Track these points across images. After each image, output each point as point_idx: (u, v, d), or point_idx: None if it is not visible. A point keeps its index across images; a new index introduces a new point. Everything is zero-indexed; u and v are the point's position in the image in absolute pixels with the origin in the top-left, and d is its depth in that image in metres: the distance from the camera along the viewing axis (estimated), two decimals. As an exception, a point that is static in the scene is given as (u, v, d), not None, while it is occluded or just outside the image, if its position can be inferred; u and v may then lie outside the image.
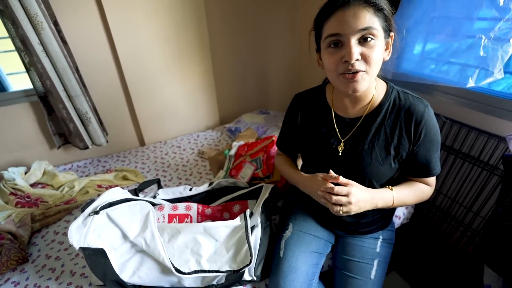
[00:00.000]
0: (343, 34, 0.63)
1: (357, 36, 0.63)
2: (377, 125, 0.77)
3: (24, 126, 1.51)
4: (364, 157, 0.78)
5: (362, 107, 0.78)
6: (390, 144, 0.76)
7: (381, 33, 0.65)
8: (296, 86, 2.26)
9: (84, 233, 0.81)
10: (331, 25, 0.65)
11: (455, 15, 1.04)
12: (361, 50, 0.64)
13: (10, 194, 1.26)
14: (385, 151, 0.76)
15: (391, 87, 0.78)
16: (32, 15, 1.20)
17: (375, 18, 0.63)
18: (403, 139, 0.75)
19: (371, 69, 0.66)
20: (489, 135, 1.06)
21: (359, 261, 0.87)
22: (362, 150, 0.78)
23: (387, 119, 0.76)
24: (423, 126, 0.73)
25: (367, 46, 0.64)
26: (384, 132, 0.76)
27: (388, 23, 0.67)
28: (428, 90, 1.27)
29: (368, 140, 0.77)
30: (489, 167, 1.08)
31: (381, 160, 0.77)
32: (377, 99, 0.77)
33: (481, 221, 1.15)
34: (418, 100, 0.75)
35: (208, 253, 0.81)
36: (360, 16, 0.62)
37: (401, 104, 0.75)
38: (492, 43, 0.94)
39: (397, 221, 1.14)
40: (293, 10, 1.97)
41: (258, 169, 1.24)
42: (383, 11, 0.64)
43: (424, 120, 0.73)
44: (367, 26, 0.62)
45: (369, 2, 0.62)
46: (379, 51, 0.65)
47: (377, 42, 0.64)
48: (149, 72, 1.69)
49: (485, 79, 0.97)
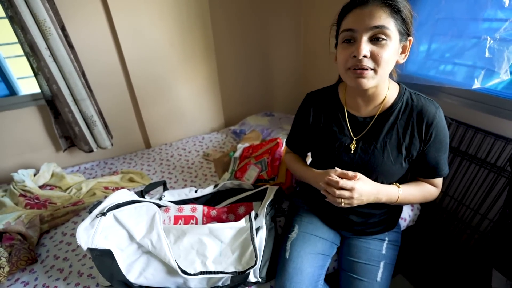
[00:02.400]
0: (356, 29, 0.66)
1: (369, 34, 0.65)
2: (389, 125, 0.78)
3: (32, 129, 1.54)
4: (376, 155, 0.78)
5: (375, 106, 0.80)
6: (402, 144, 0.77)
7: (396, 34, 0.66)
8: (300, 88, 2.27)
9: (92, 234, 0.82)
10: (347, 20, 0.68)
11: (460, 16, 1.04)
12: (371, 48, 0.65)
13: (20, 196, 1.28)
14: (396, 150, 0.78)
15: (403, 89, 0.80)
16: (40, 21, 1.23)
17: (391, 19, 0.64)
18: (414, 139, 0.77)
19: (380, 68, 0.67)
20: (496, 137, 1.05)
21: (365, 263, 0.87)
22: (374, 149, 0.79)
23: (399, 119, 0.77)
24: (434, 128, 0.75)
25: (378, 45, 0.65)
26: (396, 132, 0.77)
27: (406, 26, 0.67)
28: (434, 92, 1.27)
29: (381, 139, 0.78)
30: (496, 169, 1.07)
31: (393, 159, 0.78)
32: (390, 99, 0.78)
33: (489, 223, 1.14)
34: (430, 102, 0.77)
35: (213, 254, 0.82)
36: (376, 15, 0.64)
37: (413, 105, 0.77)
38: (497, 44, 0.93)
39: (403, 223, 1.13)
40: (297, 12, 1.98)
41: (263, 171, 1.24)
42: (400, 13, 0.65)
43: (436, 121, 0.74)
44: (380, 25, 0.63)
45: (386, 3, 0.64)
46: (390, 51, 0.66)
47: (389, 43, 0.65)
48: (155, 75, 1.71)
49: (491, 80, 0.96)
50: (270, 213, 0.94)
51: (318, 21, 1.87)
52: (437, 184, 0.85)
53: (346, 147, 0.82)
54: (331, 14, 0.75)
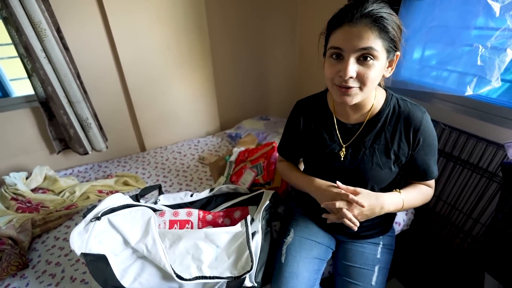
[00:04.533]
0: (344, 49, 0.67)
1: (357, 54, 0.66)
2: (377, 131, 0.80)
3: (25, 131, 1.52)
4: (366, 161, 0.80)
5: (363, 114, 0.81)
6: (390, 149, 0.79)
7: (383, 54, 0.67)
8: (296, 93, 2.28)
9: (86, 239, 0.81)
10: (336, 37, 0.68)
11: (452, 24, 1.06)
12: (358, 68, 0.67)
13: (11, 199, 1.26)
14: (385, 155, 0.79)
15: (390, 95, 0.81)
16: (35, 23, 1.22)
17: (379, 40, 0.65)
18: (402, 144, 0.78)
19: (365, 87, 0.69)
20: (487, 142, 1.07)
21: (360, 267, 0.87)
22: (364, 155, 0.80)
23: (387, 125, 0.79)
24: (421, 132, 0.77)
25: (365, 65, 0.67)
26: (385, 137, 0.79)
27: (394, 44, 0.68)
28: (427, 98, 1.29)
29: (369, 145, 0.80)
30: (488, 174, 1.09)
31: (382, 164, 0.79)
32: (377, 106, 0.80)
33: (481, 227, 1.15)
34: (416, 107, 0.79)
35: (209, 259, 0.81)
36: (364, 36, 0.64)
37: (400, 110, 0.78)
38: (489, 52, 0.96)
39: (397, 228, 1.14)
40: (293, 17, 2.00)
41: (259, 175, 1.24)
42: (388, 34, 0.66)
43: (423, 126, 0.76)
44: (368, 47, 0.64)
45: (375, 23, 0.64)
46: (376, 71, 0.67)
47: (375, 63, 0.66)
48: (150, 78, 1.70)
49: (483, 88, 0.99)
50: (266, 217, 0.94)
51: (314, 26, 1.89)
52: (431, 185, 0.88)
53: (336, 153, 0.84)
54: (326, 19, 0.75)
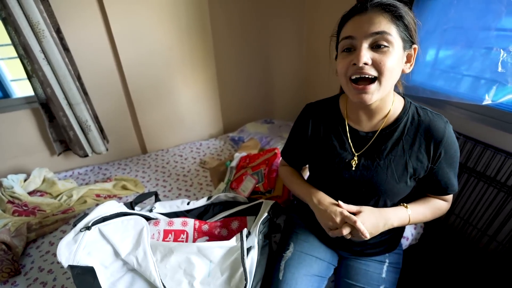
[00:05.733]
0: (355, 36, 0.62)
1: (370, 41, 0.61)
2: (394, 141, 0.73)
3: (25, 132, 1.51)
4: (379, 173, 0.73)
5: (378, 121, 0.74)
6: (407, 161, 0.72)
7: (398, 41, 0.62)
8: (302, 95, 2.22)
9: (74, 250, 0.77)
10: (346, 28, 0.65)
11: (470, 26, 0.98)
12: (372, 55, 0.61)
13: (8, 202, 1.24)
14: (402, 168, 0.72)
15: (408, 102, 0.75)
16: (34, 23, 1.20)
17: (392, 25, 0.60)
18: (422, 157, 0.71)
19: (384, 78, 0.62)
20: (506, 154, 0.99)
21: (364, 286, 0.82)
22: (377, 166, 0.73)
23: (405, 134, 0.72)
24: (444, 144, 0.70)
25: (380, 52, 0.61)
26: (402, 148, 0.72)
27: (409, 33, 0.63)
28: (440, 104, 1.21)
29: (384, 156, 0.73)
30: (507, 189, 1.01)
31: (397, 177, 0.72)
32: (394, 113, 0.73)
33: (497, 246, 1.07)
34: (438, 116, 0.72)
35: (201, 275, 0.77)
36: (375, 21, 0.60)
37: (420, 120, 0.72)
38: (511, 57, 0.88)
39: (405, 242, 1.07)
40: (300, 18, 1.94)
41: (259, 183, 1.19)
42: (402, 20, 0.61)
43: (445, 138, 0.69)
44: (380, 31, 0.60)
45: (386, 9, 0.60)
46: (393, 59, 0.61)
47: (391, 50, 0.61)
48: (152, 80, 1.67)
49: (504, 96, 0.91)
50: (263, 231, 0.88)
51: (322, 26, 1.82)
52: (448, 200, 0.80)
53: (346, 163, 0.77)
54: (335, 18, 0.71)
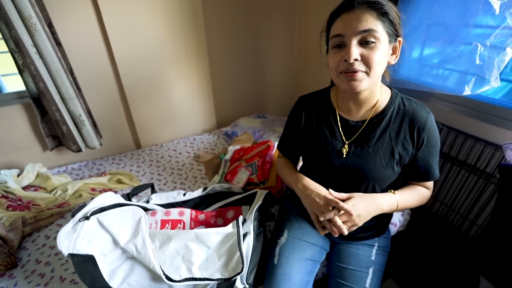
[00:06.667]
0: (345, 34, 0.67)
1: (358, 38, 0.66)
2: (382, 129, 0.78)
3: (17, 127, 1.49)
4: (368, 160, 0.78)
5: (367, 110, 0.80)
6: (394, 148, 0.77)
7: (384, 36, 0.67)
8: (293, 90, 2.26)
9: (74, 239, 0.79)
10: (336, 26, 0.69)
11: (451, 22, 1.04)
12: (361, 51, 0.66)
13: (2, 197, 1.24)
14: (389, 154, 0.78)
15: (395, 93, 0.80)
16: (25, 17, 1.19)
17: (378, 22, 0.65)
18: (407, 144, 0.77)
19: (372, 71, 0.68)
20: (485, 143, 1.06)
21: (354, 269, 0.86)
22: (367, 153, 0.79)
23: (391, 123, 0.78)
24: (426, 132, 0.76)
25: (368, 48, 0.66)
26: (389, 136, 0.78)
27: (394, 27, 0.68)
28: (425, 97, 1.27)
29: (373, 143, 0.78)
30: (485, 176, 1.08)
31: (385, 163, 0.78)
32: (382, 103, 0.79)
33: (477, 229, 1.14)
34: (421, 106, 0.78)
35: (199, 260, 0.80)
36: (363, 19, 0.64)
37: (405, 109, 0.77)
38: (488, 51, 0.93)
39: (393, 229, 1.13)
40: (291, 14, 1.97)
41: (253, 174, 1.23)
42: (387, 16, 0.66)
43: (428, 126, 0.75)
44: (368, 29, 0.64)
45: (373, 7, 0.65)
46: (380, 53, 0.66)
47: (378, 45, 0.66)
48: (146, 75, 1.68)
49: (482, 87, 0.97)
50: (258, 218, 0.92)
51: (312, 23, 1.87)
52: (429, 187, 0.86)
53: (338, 151, 0.82)
54: (325, 14, 0.74)
